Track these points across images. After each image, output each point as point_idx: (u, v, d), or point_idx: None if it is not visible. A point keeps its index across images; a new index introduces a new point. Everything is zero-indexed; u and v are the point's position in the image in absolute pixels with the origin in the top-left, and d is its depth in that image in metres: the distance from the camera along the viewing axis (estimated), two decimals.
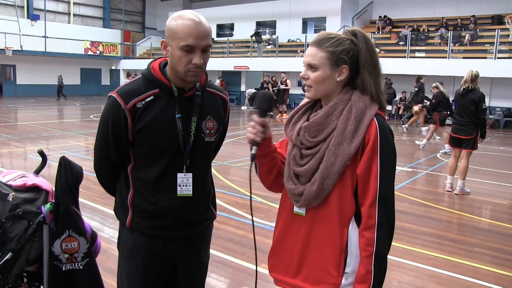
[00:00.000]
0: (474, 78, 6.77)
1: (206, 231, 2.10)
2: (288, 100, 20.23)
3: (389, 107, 20.88)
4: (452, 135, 7.13)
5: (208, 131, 1.93)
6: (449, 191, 7.26)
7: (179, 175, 1.88)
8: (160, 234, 1.89)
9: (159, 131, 1.82)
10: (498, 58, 17.78)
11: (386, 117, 1.76)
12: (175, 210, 1.89)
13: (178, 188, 1.88)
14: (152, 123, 1.81)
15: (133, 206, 1.90)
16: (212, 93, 2.01)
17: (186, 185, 1.89)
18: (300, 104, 1.86)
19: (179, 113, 1.85)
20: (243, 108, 24.15)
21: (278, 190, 1.92)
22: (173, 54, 1.78)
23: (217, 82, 23.65)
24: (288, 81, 19.69)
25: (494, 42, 17.93)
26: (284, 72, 20.89)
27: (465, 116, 6.83)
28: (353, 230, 1.68)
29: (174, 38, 1.76)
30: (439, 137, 12.60)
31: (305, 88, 1.75)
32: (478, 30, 19.75)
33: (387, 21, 23.01)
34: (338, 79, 1.69)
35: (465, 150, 7.03)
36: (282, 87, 19.20)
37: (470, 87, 6.77)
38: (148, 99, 1.82)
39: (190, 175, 1.89)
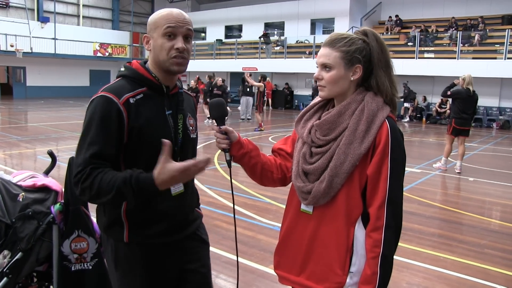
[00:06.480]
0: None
1: (200, 230, 2.05)
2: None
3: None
4: (458, 127, 8.56)
5: (191, 128, 1.94)
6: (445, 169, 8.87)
7: None
8: (160, 240, 1.82)
9: (156, 130, 1.77)
10: (508, 58, 17.56)
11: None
12: (172, 210, 1.85)
13: (172, 188, 1.82)
14: (149, 121, 1.76)
15: (128, 218, 1.79)
16: (185, 93, 2.02)
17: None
18: (312, 103, 1.87)
19: (169, 110, 1.84)
20: (239, 108, 23.83)
21: (270, 184, 1.94)
22: (156, 44, 1.78)
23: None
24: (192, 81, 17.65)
25: (504, 43, 17.75)
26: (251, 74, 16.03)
27: (468, 112, 8.53)
28: (359, 230, 1.69)
29: (156, 28, 1.77)
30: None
31: (319, 88, 1.76)
32: (487, 30, 19.58)
33: (398, 21, 22.88)
34: (352, 79, 1.70)
35: (463, 137, 8.68)
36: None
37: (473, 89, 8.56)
38: (139, 96, 1.77)
39: None
